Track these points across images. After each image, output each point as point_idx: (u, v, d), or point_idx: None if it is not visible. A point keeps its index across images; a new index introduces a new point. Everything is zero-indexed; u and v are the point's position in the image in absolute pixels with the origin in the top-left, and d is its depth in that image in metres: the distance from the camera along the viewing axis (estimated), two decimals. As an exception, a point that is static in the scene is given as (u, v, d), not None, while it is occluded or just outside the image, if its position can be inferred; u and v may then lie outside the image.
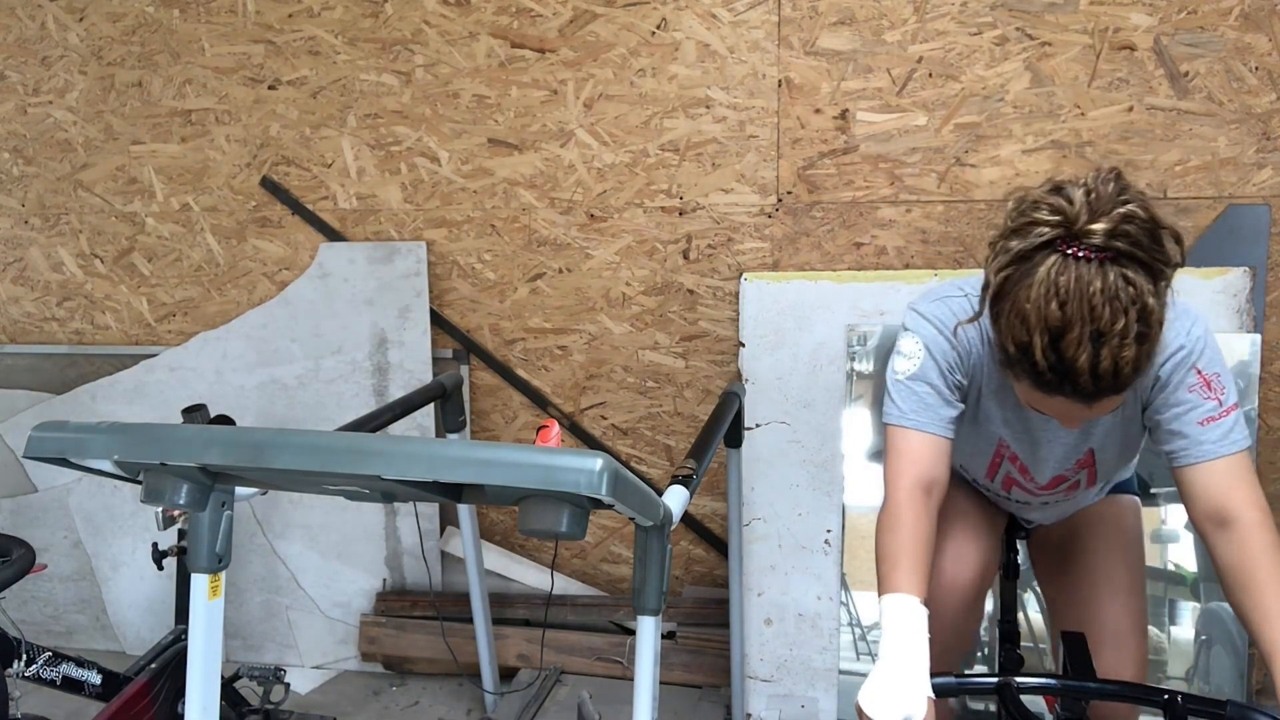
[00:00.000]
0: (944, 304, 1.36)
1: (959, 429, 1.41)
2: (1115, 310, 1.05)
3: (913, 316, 1.39)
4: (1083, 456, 1.45)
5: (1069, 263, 1.06)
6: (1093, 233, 1.06)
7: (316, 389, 2.67)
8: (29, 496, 2.86)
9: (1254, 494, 1.23)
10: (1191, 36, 2.13)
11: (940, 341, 1.35)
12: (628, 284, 2.52)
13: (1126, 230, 1.05)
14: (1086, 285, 1.05)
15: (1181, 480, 1.28)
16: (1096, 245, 1.06)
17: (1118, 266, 1.05)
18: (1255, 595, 1.17)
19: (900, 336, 1.39)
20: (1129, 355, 1.07)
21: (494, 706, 2.48)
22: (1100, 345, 1.06)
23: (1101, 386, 1.10)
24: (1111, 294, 1.05)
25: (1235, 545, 1.21)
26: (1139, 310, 1.06)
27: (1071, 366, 1.08)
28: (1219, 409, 1.25)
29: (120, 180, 2.77)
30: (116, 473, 1.16)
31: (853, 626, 2.32)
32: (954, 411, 1.36)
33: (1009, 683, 1.23)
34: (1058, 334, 1.07)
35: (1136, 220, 1.06)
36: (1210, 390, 1.26)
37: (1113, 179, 1.09)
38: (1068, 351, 1.07)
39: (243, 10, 2.58)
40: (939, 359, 1.34)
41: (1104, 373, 1.08)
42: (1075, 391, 1.11)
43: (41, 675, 1.82)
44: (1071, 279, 1.06)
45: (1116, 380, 1.09)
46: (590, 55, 2.41)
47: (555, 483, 0.95)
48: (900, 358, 1.37)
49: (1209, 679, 2.15)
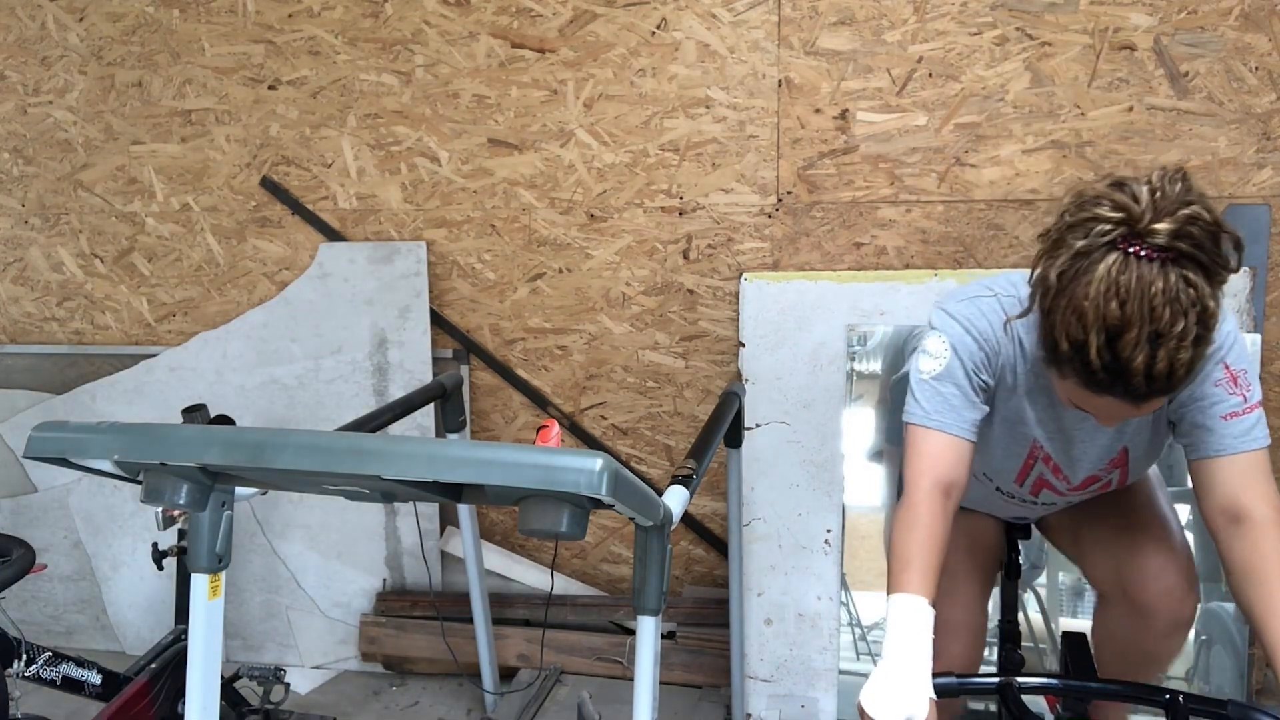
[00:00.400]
0: (972, 304, 1.35)
1: (989, 433, 1.40)
2: (1175, 312, 1.03)
3: (940, 316, 1.37)
4: (1116, 456, 1.43)
5: (1130, 261, 1.05)
6: (1157, 232, 1.04)
7: (316, 389, 2.67)
8: (29, 496, 2.86)
9: (1270, 492, 1.23)
10: (1191, 36, 2.13)
11: (967, 341, 1.33)
12: (628, 284, 2.52)
13: (1190, 231, 1.04)
14: (1148, 285, 1.03)
15: (1198, 472, 1.28)
16: (1160, 245, 1.04)
17: (1179, 268, 1.04)
18: (1262, 592, 1.17)
19: (926, 335, 1.38)
20: (1185, 358, 1.06)
21: (494, 706, 2.48)
22: (1158, 347, 1.05)
23: (1154, 388, 1.08)
24: (1172, 295, 1.03)
25: (1247, 541, 1.21)
26: (1199, 313, 1.04)
27: (1127, 367, 1.06)
28: (1243, 405, 1.25)
29: (120, 180, 2.77)
30: (116, 473, 1.16)
31: (853, 626, 2.32)
32: (978, 414, 1.35)
33: (1010, 683, 1.23)
34: (1115, 333, 1.06)
35: (1200, 222, 1.04)
36: (1236, 386, 1.26)
37: (1179, 179, 1.07)
38: (1124, 352, 1.06)
39: (243, 10, 2.58)
40: (965, 359, 1.33)
41: (1159, 374, 1.06)
42: (1126, 392, 1.10)
43: (41, 675, 1.82)
44: (1133, 278, 1.04)
45: (1170, 382, 1.08)
46: (590, 55, 2.41)
47: (555, 483, 0.95)
48: (926, 357, 1.36)
49: (1209, 679, 2.15)
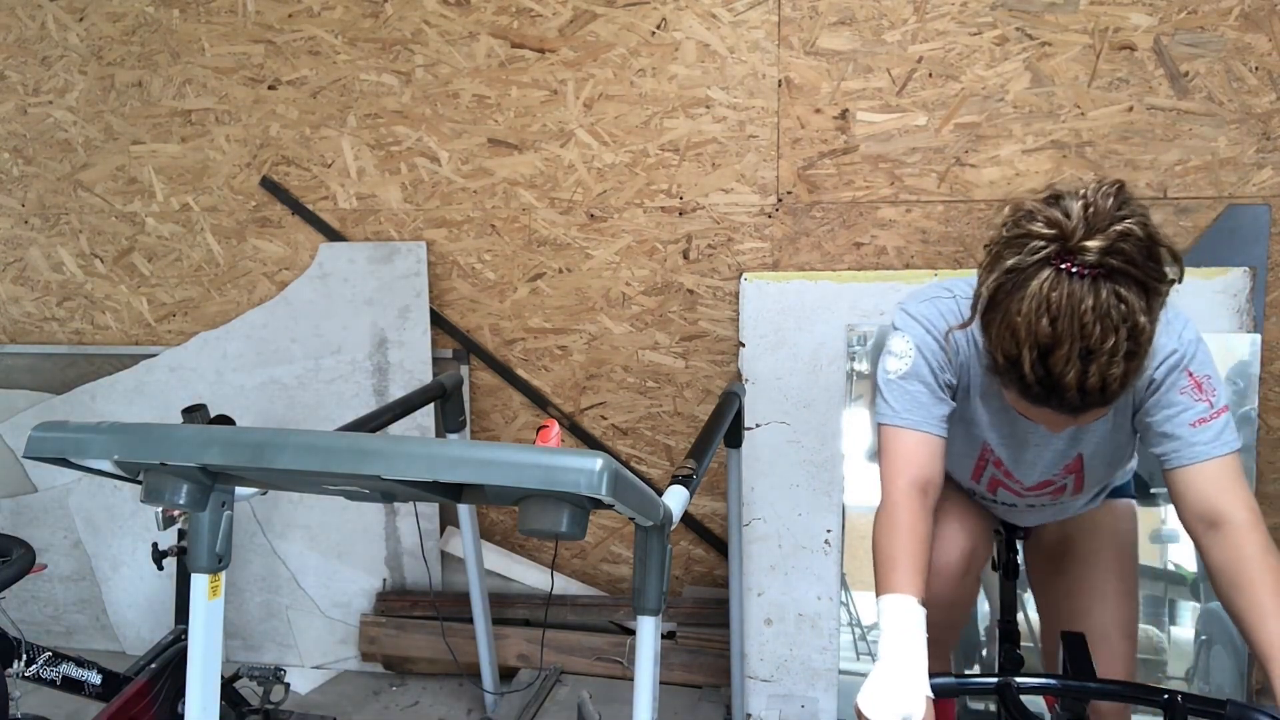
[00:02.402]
0: (932, 304, 1.37)
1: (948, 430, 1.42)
2: (1106, 328, 1.05)
3: (902, 316, 1.39)
4: (1071, 461, 1.45)
5: (1062, 278, 1.06)
6: (1087, 249, 1.05)
7: (316, 389, 2.67)
8: (29, 496, 2.86)
9: (1244, 495, 1.23)
10: (1191, 36, 2.13)
11: (929, 341, 1.35)
12: (628, 284, 2.52)
13: (1122, 248, 1.05)
14: (1078, 302, 1.05)
15: (1173, 482, 1.28)
16: (1090, 262, 1.05)
17: (1111, 283, 1.05)
18: (1248, 595, 1.17)
19: (890, 336, 1.40)
20: (1117, 373, 1.07)
21: (494, 706, 2.48)
22: (1089, 362, 1.06)
23: (1088, 401, 1.10)
24: (1103, 312, 1.04)
25: (1227, 546, 1.21)
26: (1129, 328, 1.05)
27: (1059, 382, 1.08)
28: (1210, 411, 1.25)
29: (120, 180, 2.77)
30: (116, 473, 1.16)
31: (853, 626, 2.32)
32: (946, 409, 1.37)
33: (1009, 683, 1.23)
34: (1047, 350, 1.07)
35: (1133, 238, 1.05)
36: (1201, 392, 1.26)
37: (1113, 193, 1.08)
38: (1056, 367, 1.08)
39: (243, 10, 2.58)
40: (929, 358, 1.35)
41: (1091, 388, 1.08)
42: (1062, 404, 1.12)
43: (41, 675, 1.82)
44: (1063, 295, 1.05)
45: (1103, 395, 1.10)
46: (590, 55, 2.41)
47: (555, 483, 0.95)
48: (891, 357, 1.37)
49: (1209, 679, 2.15)
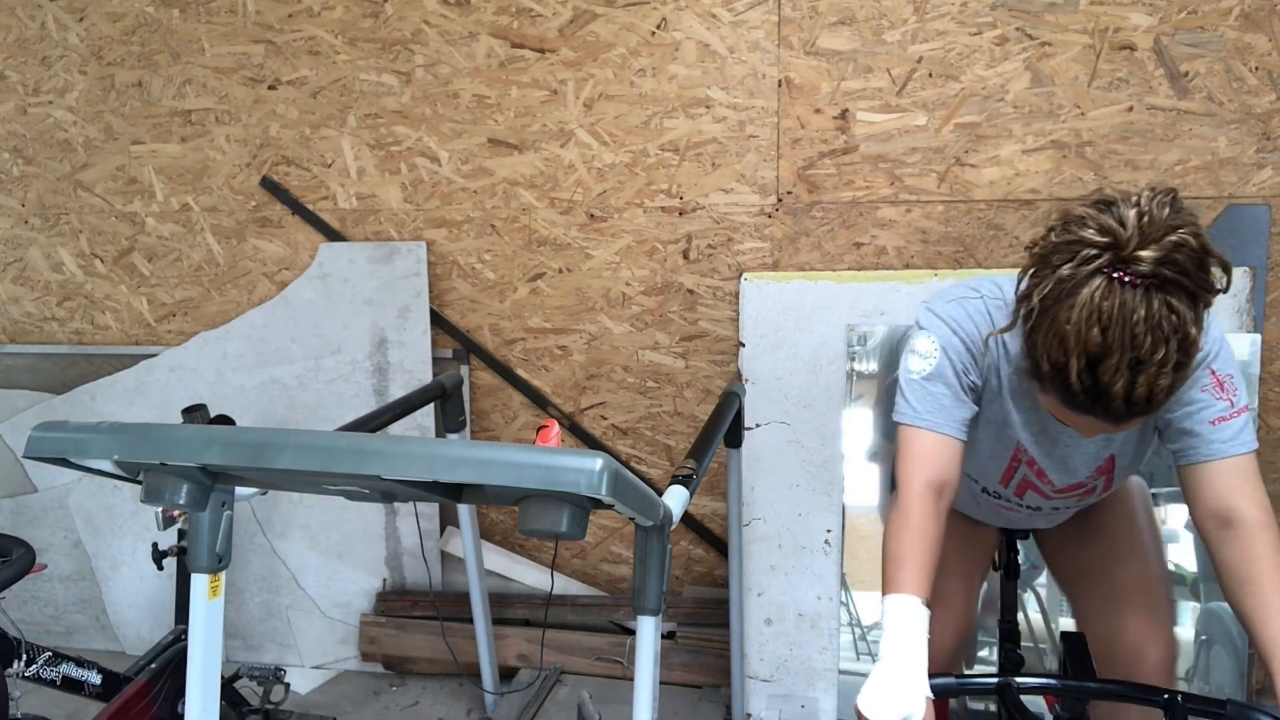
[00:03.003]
0: (959, 305, 1.35)
1: (975, 434, 1.40)
2: (1157, 340, 1.03)
3: (928, 316, 1.37)
4: (1103, 463, 1.44)
5: (1114, 287, 1.04)
6: (1142, 259, 1.03)
7: (316, 389, 2.67)
8: (29, 496, 2.86)
9: (1259, 495, 1.23)
10: (1191, 36, 2.13)
11: (955, 342, 1.34)
12: (628, 284, 2.52)
13: (1176, 258, 1.03)
14: (1130, 313, 1.03)
15: (1187, 478, 1.28)
16: (1144, 272, 1.03)
17: (1163, 294, 1.04)
18: (1256, 594, 1.17)
19: (914, 335, 1.38)
20: (1165, 384, 1.06)
21: (494, 706, 2.48)
22: (1138, 373, 1.05)
23: (1133, 411, 1.09)
24: (1155, 323, 1.03)
25: (1238, 545, 1.21)
26: (1180, 340, 1.04)
27: (1106, 391, 1.07)
28: (1230, 410, 1.25)
29: (120, 180, 2.77)
30: (116, 473, 1.16)
31: (853, 626, 2.32)
32: (968, 413, 1.35)
33: (1009, 683, 1.23)
34: (1096, 359, 1.06)
35: (1187, 248, 1.04)
36: (1223, 391, 1.25)
37: (1168, 202, 1.07)
38: (1104, 377, 1.06)
39: (243, 10, 2.58)
40: (954, 359, 1.33)
41: (1138, 399, 1.07)
42: (1106, 413, 1.11)
43: (41, 675, 1.82)
44: (1115, 305, 1.04)
45: (1149, 406, 1.08)
46: (590, 55, 2.41)
47: (555, 483, 0.95)
48: (915, 356, 1.36)
49: (1209, 679, 2.15)
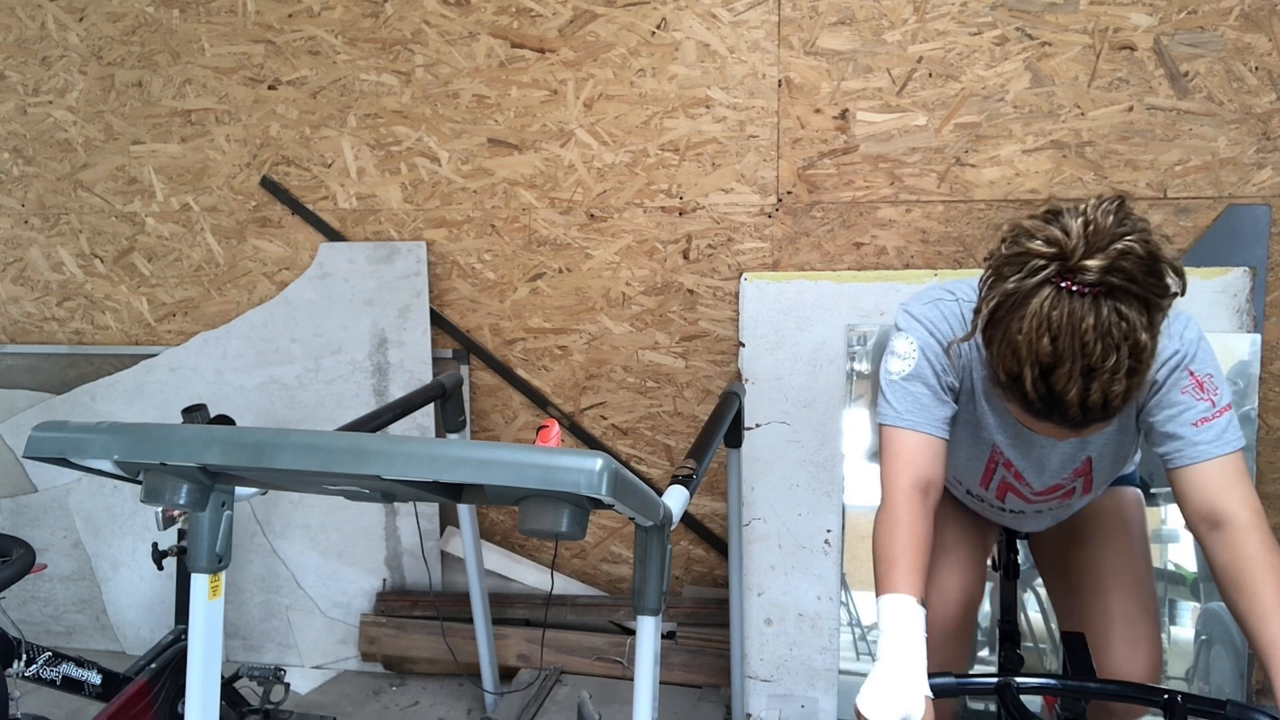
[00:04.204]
0: (935, 306, 1.37)
1: (953, 436, 1.41)
2: (1107, 347, 1.05)
3: (905, 317, 1.39)
4: (1080, 465, 1.45)
5: (1062, 296, 1.06)
6: (1088, 268, 1.05)
7: (316, 389, 2.67)
8: (29, 496, 2.86)
9: (1248, 494, 1.23)
10: (1191, 36, 2.13)
11: (932, 343, 1.35)
12: (628, 284, 2.52)
13: (1123, 266, 1.05)
14: (1079, 321, 1.05)
15: (1176, 481, 1.28)
16: (1091, 281, 1.05)
17: (1112, 301, 1.05)
18: (1250, 595, 1.17)
19: (893, 337, 1.40)
20: (1119, 390, 1.08)
21: (494, 706, 2.48)
22: (1091, 380, 1.07)
23: (1089, 417, 1.11)
24: (1104, 330, 1.05)
25: (1229, 546, 1.21)
26: (1131, 346, 1.06)
27: (1061, 399, 1.09)
28: (1212, 410, 1.25)
29: (120, 180, 2.77)
30: (116, 473, 1.16)
31: (853, 626, 2.32)
32: (948, 411, 1.36)
33: (1009, 683, 1.23)
34: (1048, 368, 1.08)
35: (1133, 255, 1.05)
36: (1203, 391, 1.26)
37: (1113, 210, 1.08)
38: (1058, 385, 1.08)
39: (243, 10, 2.58)
40: (932, 360, 1.35)
41: (1093, 405, 1.09)
42: (1064, 420, 1.13)
43: (41, 675, 1.82)
44: (1064, 314, 1.05)
45: (1105, 411, 1.10)
46: (590, 55, 2.41)
47: (555, 483, 0.95)
48: (894, 358, 1.37)
49: (1209, 679, 2.15)
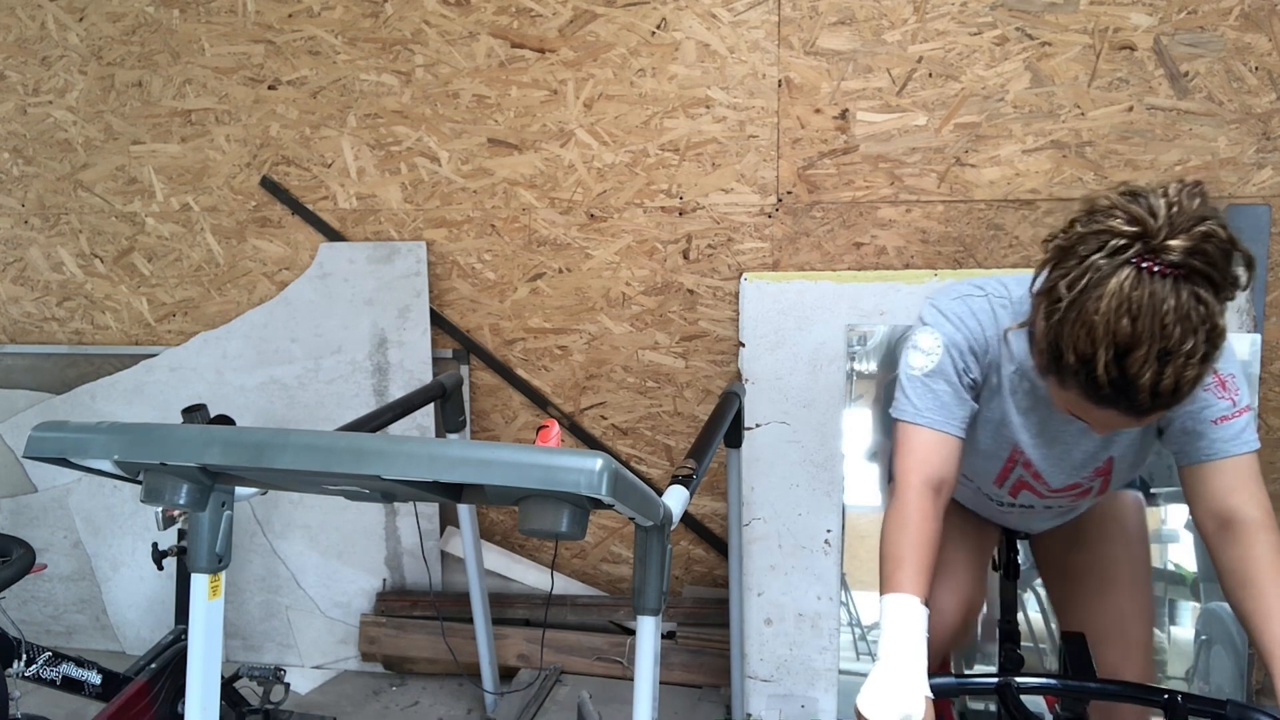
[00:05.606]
0: (964, 302, 1.35)
1: (972, 434, 1.40)
2: (1186, 330, 1.03)
3: (932, 312, 1.37)
4: (1102, 465, 1.43)
5: (1143, 277, 1.03)
6: (1172, 249, 1.02)
7: (316, 389, 2.67)
8: (29, 496, 2.86)
9: (1259, 495, 1.23)
10: (1191, 36, 2.13)
11: (959, 339, 1.33)
12: (628, 284, 2.52)
13: (1205, 249, 1.03)
14: (1160, 303, 1.02)
15: (1188, 477, 1.27)
16: (1174, 262, 1.03)
17: (1191, 285, 1.03)
18: (1256, 595, 1.17)
19: (918, 331, 1.38)
20: (1191, 375, 1.05)
21: (494, 706, 2.48)
22: (1166, 364, 1.04)
23: (1158, 404, 1.08)
24: (1184, 313, 1.02)
25: (1238, 545, 1.20)
26: (1208, 331, 1.04)
27: (1133, 383, 1.06)
28: (1233, 409, 1.25)
29: (120, 180, 2.77)
30: (116, 473, 1.15)
31: (853, 626, 2.32)
32: (967, 410, 1.35)
33: (1009, 683, 1.23)
34: (1125, 350, 1.05)
35: (1216, 239, 1.03)
36: (1225, 390, 1.25)
37: (1198, 194, 1.06)
38: (1132, 368, 1.05)
39: (243, 10, 2.58)
40: (956, 357, 1.33)
41: (1164, 390, 1.06)
42: (1130, 406, 1.09)
43: (41, 675, 1.82)
44: (1145, 295, 1.02)
45: (1174, 398, 1.07)
46: (590, 55, 2.41)
47: (555, 483, 0.95)
48: (917, 353, 1.35)
49: (1209, 679, 2.15)
